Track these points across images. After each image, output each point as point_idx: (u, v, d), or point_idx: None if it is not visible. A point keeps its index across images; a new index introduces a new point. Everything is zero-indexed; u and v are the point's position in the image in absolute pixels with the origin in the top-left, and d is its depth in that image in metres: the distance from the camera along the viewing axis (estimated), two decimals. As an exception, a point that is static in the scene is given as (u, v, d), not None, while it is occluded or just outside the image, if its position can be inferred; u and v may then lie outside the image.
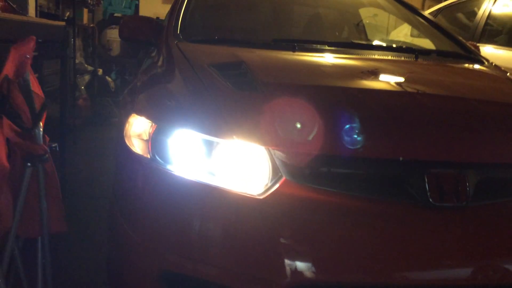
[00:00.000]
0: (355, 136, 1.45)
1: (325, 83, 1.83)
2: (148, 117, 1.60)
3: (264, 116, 1.49)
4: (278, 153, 1.41)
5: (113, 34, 6.71)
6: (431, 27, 2.75)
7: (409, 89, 1.78)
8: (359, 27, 3.16)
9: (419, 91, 1.76)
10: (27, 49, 1.25)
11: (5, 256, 1.30)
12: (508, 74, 2.18)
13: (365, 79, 1.86)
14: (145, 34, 2.42)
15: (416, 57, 2.17)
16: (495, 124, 1.56)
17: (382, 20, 4.12)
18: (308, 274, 1.31)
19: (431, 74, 2.04)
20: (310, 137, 1.43)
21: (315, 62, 2.06)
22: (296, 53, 2.06)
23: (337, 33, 3.01)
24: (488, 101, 1.76)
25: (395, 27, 4.11)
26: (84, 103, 5.26)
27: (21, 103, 1.25)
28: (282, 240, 1.33)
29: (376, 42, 2.81)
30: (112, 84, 5.90)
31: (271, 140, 1.43)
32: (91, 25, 5.76)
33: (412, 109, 1.57)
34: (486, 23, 4.01)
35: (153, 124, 1.56)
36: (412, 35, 3.90)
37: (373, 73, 1.92)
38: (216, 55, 1.98)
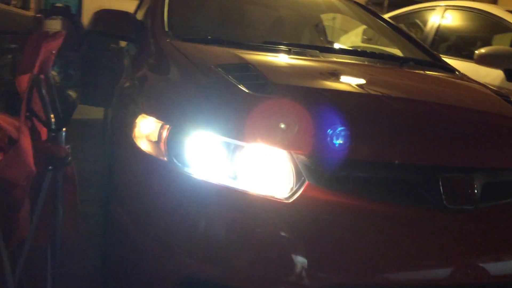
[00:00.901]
0: (375, 141, 1.50)
1: (338, 87, 1.88)
2: (160, 118, 1.56)
3: (286, 120, 1.50)
4: (300, 157, 1.42)
5: (53, 24, 6.36)
6: (400, 36, 2.89)
7: (415, 97, 1.87)
8: (320, 29, 3.25)
9: (425, 100, 1.85)
10: (56, 44, 1.16)
11: (19, 266, 1.21)
12: (478, 83, 2.36)
13: (372, 84, 1.93)
14: (122, 29, 2.33)
15: (401, 65, 2.28)
16: (496, 132, 1.68)
17: (341, 23, 4.28)
18: (339, 277, 1.34)
19: (427, 83, 2.15)
20: (332, 141, 1.47)
21: (316, 66, 2.10)
22: (292, 56, 2.09)
23: (299, 35, 3.08)
24: (485, 110, 1.89)
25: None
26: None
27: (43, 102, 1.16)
28: (311, 244, 1.35)
29: (362, 49, 2.89)
30: (56, 78, 5.57)
31: (294, 144, 1.44)
32: (38, 15, 5.41)
33: (423, 116, 1.66)
34: (436, 33, 4.26)
35: (167, 125, 1.51)
36: (367, 39, 4.08)
37: (378, 80, 2.00)
38: (217, 56, 1.96)
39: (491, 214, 1.49)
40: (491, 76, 3.55)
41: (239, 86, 1.60)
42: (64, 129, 1.29)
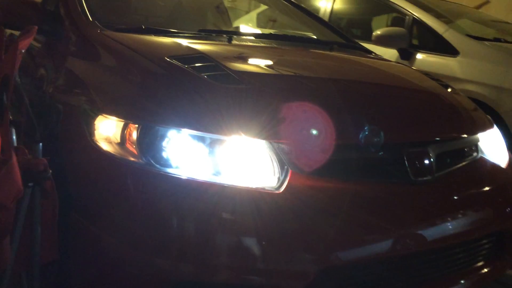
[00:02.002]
0: (346, 125, 1.56)
1: (300, 73, 1.89)
2: (124, 117, 1.44)
3: (262, 110, 1.49)
4: (281, 146, 1.43)
5: None
6: (312, 19, 3.00)
7: (370, 80, 1.97)
8: (221, 10, 3.24)
9: (379, 83, 1.96)
10: (27, 42, 1.00)
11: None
12: (396, 62, 2.56)
13: (327, 70, 1.98)
14: (29, 19, 2.08)
15: (331, 49, 2.38)
16: (440, 107, 1.86)
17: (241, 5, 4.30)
18: (337, 256, 1.39)
19: (367, 66, 2.27)
20: (309, 128, 1.49)
21: (263, 52, 2.09)
22: (233, 43, 2.06)
23: (203, 18, 3.04)
24: (426, 88, 2.05)
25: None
26: None
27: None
28: (305, 230, 1.37)
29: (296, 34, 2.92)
30: None
31: (273, 133, 1.44)
32: None
33: (383, 98, 1.76)
34: (330, 18, 4.49)
35: (135, 124, 1.41)
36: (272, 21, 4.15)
37: (329, 65, 2.06)
38: (164, 47, 1.85)
39: (448, 179, 1.64)
40: (387, 55, 3.86)
41: (205, 79, 1.54)
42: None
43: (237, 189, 1.36)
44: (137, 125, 1.41)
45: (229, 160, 1.40)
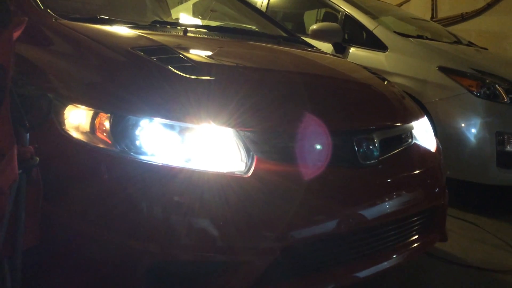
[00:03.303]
0: (302, 113, 1.71)
1: (260, 65, 2.01)
2: (96, 106, 1.49)
3: (228, 100, 1.59)
4: (247, 134, 1.55)
5: None
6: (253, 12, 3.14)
7: (322, 73, 2.13)
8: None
9: (329, 75, 2.12)
10: (17, 34, 1.01)
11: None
12: (336, 56, 2.75)
13: (282, 62, 2.12)
14: None
15: (278, 42, 2.52)
16: (382, 96, 2.06)
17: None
18: (296, 234, 1.53)
19: (315, 59, 2.43)
20: (271, 116, 1.63)
21: (222, 46, 2.18)
22: (189, 35, 2.13)
23: (142, 5, 3.07)
24: (368, 80, 2.25)
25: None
26: None
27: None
28: (269, 211, 1.50)
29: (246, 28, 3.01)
30: None
31: (239, 122, 1.55)
32: None
33: (334, 89, 1.93)
34: (266, 12, 4.64)
35: (107, 114, 1.46)
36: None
37: (282, 57, 2.19)
38: (125, 38, 1.89)
39: (390, 162, 1.85)
40: (323, 49, 4.09)
41: (172, 70, 1.62)
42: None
43: (208, 174, 1.46)
44: (109, 115, 1.46)
45: (200, 147, 1.50)
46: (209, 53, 2.05)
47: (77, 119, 1.50)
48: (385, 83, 2.33)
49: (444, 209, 2.13)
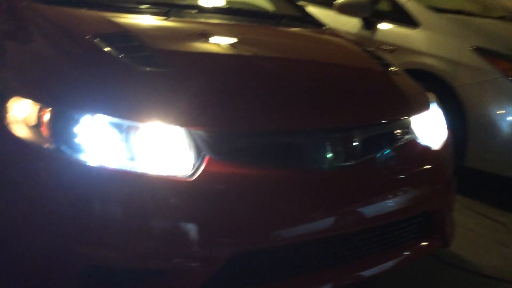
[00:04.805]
0: (265, 111, 1.55)
1: (227, 53, 1.86)
2: (38, 100, 1.41)
3: (180, 95, 1.47)
4: (198, 132, 1.41)
5: None
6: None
7: (303, 60, 1.95)
8: None
9: (310, 63, 1.94)
10: None
11: None
12: (348, 38, 2.52)
13: (257, 49, 1.95)
14: None
15: (278, 23, 2.33)
16: (367, 90, 1.85)
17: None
18: (245, 242, 1.41)
19: (302, 44, 2.23)
20: (226, 114, 1.48)
21: (202, 30, 2.02)
22: (171, 19, 2.00)
23: None
24: (355, 69, 2.04)
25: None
26: None
27: None
28: (216, 216, 1.37)
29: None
30: None
31: (190, 120, 1.42)
32: None
33: (308, 82, 1.74)
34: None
35: (48, 108, 1.38)
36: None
37: (260, 43, 2.02)
38: (92, 24, 1.79)
39: (370, 164, 1.65)
40: (351, 24, 3.81)
41: (125, 61, 1.51)
42: None
43: (147, 177, 1.35)
44: (50, 109, 1.38)
45: (144, 147, 1.39)
46: (181, 39, 1.91)
47: (19, 113, 1.43)
48: (388, 70, 2.09)
49: (444, 213, 1.91)
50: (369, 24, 3.68)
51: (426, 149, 1.87)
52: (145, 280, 1.37)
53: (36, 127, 1.39)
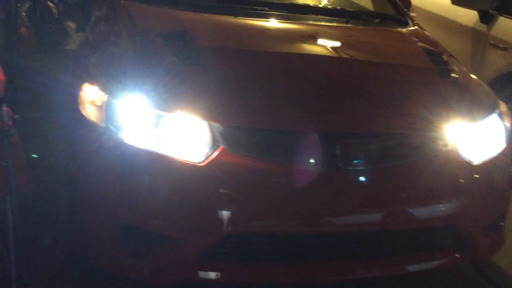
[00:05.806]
0: (281, 111, 1.72)
1: (272, 53, 2.05)
2: (101, 87, 1.78)
3: (205, 92, 1.72)
4: (216, 126, 1.65)
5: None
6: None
7: (345, 66, 2.04)
8: None
9: (355, 70, 2.03)
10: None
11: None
12: (426, 39, 2.45)
13: (301, 52, 2.10)
14: None
15: (347, 21, 2.39)
16: (395, 99, 1.87)
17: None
18: (240, 225, 1.62)
19: (356, 45, 2.27)
20: (244, 112, 1.69)
21: (256, 29, 2.22)
22: (239, 18, 2.23)
23: None
24: (395, 77, 2.04)
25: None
26: (27, 31, 5.12)
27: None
28: (218, 198, 1.62)
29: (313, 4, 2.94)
30: (54, 10, 5.71)
31: (210, 114, 1.67)
32: None
33: (331, 86, 1.85)
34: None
35: (106, 95, 1.74)
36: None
37: (308, 44, 2.16)
38: (161, 21, 2.12)
39: (384, 173, 1.71)
40: (468, 16, 3.58)
41: (168, 56, 1.80)
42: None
43: (167, 159, 1.64)
44: (107, 96, 1.74)
45: (170, 133, 1.66)
46: (234, 40, 2.11)
47: (88, 96, 1.81)
48: (447, 77, 2.04)
49: (476, 229, 1.86)
50: (487, 17, 3.42)
51: (462, 163, 1.83)
52: (158, 242, 1.67)
53: (96, 107, 1.77)
